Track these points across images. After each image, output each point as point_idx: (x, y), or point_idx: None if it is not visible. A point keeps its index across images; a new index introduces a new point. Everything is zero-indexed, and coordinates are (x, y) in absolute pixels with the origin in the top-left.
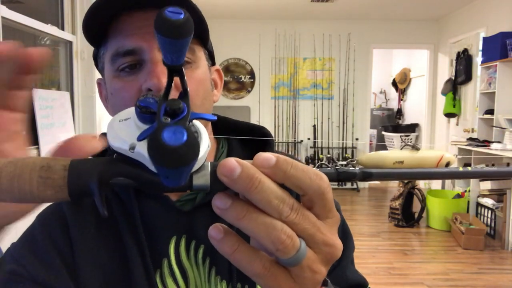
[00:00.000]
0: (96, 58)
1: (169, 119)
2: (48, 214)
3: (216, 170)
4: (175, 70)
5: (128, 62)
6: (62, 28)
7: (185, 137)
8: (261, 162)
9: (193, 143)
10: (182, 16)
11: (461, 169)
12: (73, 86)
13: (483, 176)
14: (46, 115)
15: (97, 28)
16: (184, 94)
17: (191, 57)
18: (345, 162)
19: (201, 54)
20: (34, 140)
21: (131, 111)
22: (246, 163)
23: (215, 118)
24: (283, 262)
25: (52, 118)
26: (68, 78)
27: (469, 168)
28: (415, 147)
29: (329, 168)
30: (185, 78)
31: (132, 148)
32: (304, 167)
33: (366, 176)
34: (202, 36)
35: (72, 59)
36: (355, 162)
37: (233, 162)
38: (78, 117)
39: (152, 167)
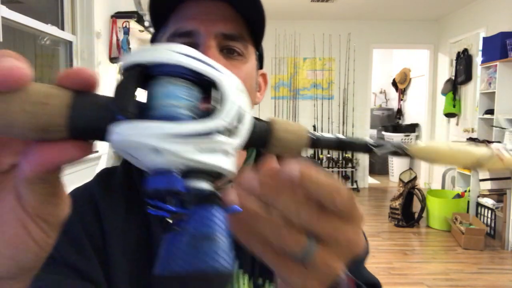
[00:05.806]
0: (153, 42)
1: None
2: (79, 198)
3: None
4: None
5: (183, 43)
6: (62, 28)
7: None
8: (286, 175)
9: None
10: (231, 268)
11: None
12: None
13: None
14: None
15: (162, 10)
16: None
17: (243, 50)
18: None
19: (252, 52)
20: None
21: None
22: (266, 170)
23: None
24: (292, 258)
25: None
26: None
27: None
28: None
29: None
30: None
31: None
32: (324, 181)
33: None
34: (257, 37)
35: (72, 59)
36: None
37: (251, 172)
38: None
39: None
